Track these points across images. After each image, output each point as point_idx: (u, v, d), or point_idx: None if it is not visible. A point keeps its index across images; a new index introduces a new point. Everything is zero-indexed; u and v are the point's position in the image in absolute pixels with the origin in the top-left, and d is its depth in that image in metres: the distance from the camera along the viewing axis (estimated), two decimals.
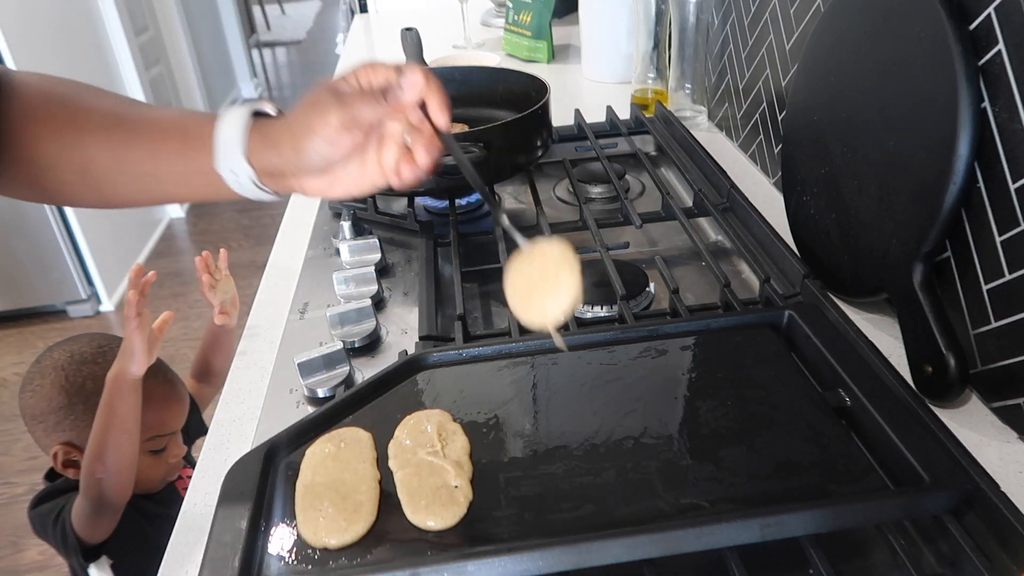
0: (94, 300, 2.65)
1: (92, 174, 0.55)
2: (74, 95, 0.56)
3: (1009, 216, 0.54)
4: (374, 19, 2.16)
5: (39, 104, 0.55)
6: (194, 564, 0.54)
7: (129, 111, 0.55)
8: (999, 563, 0.45)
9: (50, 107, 0.55)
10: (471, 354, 0.61)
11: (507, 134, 0.83)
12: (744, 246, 0.81)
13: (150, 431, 1.01)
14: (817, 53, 0.76)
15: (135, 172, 0.54)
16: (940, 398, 0.60)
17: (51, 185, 0.56)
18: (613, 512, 0.47)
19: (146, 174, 0.54)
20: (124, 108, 0.56)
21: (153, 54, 3.43)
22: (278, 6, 6.76)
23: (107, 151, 0.54)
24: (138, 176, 0.55)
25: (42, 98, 0.55)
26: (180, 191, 0.56)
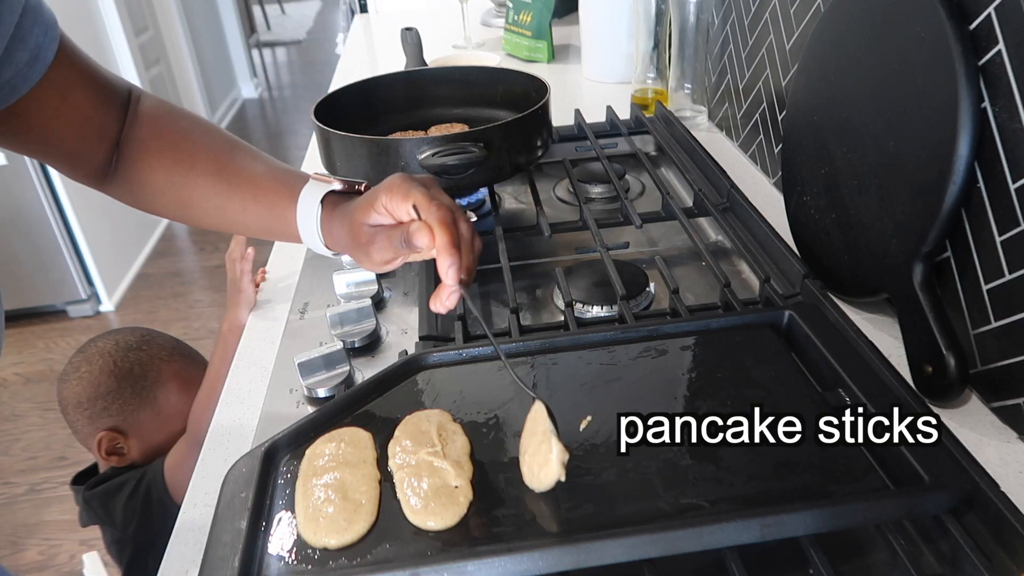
0: (94, 300, 2.65)
1: (191, 209, 0.65)
2: (188, 132, 0.64)
3: (1009, 216, 0.54)
4: (374, 19, 2.16)
5: (160, 136, 0.63)
6: (194, 564, 0.54)
7: (231, 161, 0.64)
8: (999, 563, 0.45)
9: (166, 141, 0.63)
10: (471, 354, 0.61)
11: (507, 134, 0.83)
12: (744, 246, 0.81)
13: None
14: (817, 53, 0.76)
15: (229, 218, 0.64)
16: (940, 398, 0.60)
17: (153, 203, 0.66)
18: (613, 512, 0.47)
19: (237, 222, 0.65)
20: (227, 156, 0.64)
21: (153, 54, 3.43)
22: (278, 6, 6.76)
23: (207, 198, 0.63)
24: (231, 221, 0.65)
25: (162, 130, 0.64)
26: (263, 235, 0.66)
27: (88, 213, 2.55)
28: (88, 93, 0.59)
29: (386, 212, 0.55)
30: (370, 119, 1.00)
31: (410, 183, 0.54)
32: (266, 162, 0.65)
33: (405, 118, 1.03)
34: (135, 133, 0.63)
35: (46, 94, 0.56)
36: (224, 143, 0.65)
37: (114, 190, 0.66)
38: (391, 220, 0.55)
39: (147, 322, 2.61)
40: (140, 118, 0.63)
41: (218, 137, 0.65)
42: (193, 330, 2.56)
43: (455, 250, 0.52)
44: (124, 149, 0.63)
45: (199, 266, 2.96)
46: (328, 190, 0.61)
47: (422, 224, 0.53)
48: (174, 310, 2.68)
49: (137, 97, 0.64)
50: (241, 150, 0.65)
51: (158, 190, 0.64)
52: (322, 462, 0.51)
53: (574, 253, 0.89)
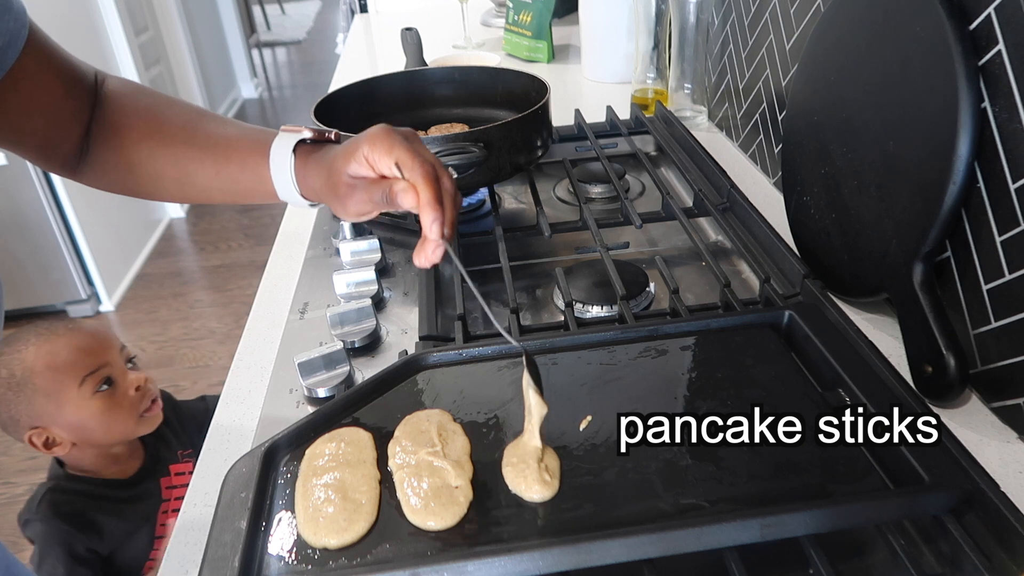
0: (94, 300, 2.65)
1: (164, 180, 0.64)
2: (153, 106, 0.64)
3: (1009, 216, 0.54)
4: (374, 19, 2.16)
5: (127, 113, 0.63)
6: (194, 564, 0.54)
7: (198, 127, 0.63)
8: (999, 563, 0.45)
9: (132, 117, 0.63)
10: (471, 354, 0.61)
11: (507, 134, 0.83)
12: (744, 246, 0.81)
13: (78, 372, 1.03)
14: (817, 53, 0.76)
15: (203, 184, 0.63)
16: (940, 398, 0.60)
17: (128, 183, 0.65)
18: (613, 512, 0.47)
19: (212, 187, 0.63)
20: (194, 123, 0.63)
21: (153, 54, 3.43)
22: (278, 6, 6.75)
23: (178, 166, 0.62)
24: (205, 188, 0.63)
25: (127, 108, 0.63)
26: (240, 198, 0.65)
27: (88, 213, 2.55)
28: (59, 79, 0.60)
29: (367, 164, 0.54)
30: (370, 119, 0.99)
31: (393, 137, 0.54)
32: (235, 124, 0.64)
33: (405, 118, 1.03)
34: (102, 114, 0.63)
35: (19, 82, 0.56)
36: (190, 112, 0.65)
37: (88, 177, 0.65)
38: (372, 173, 0.55)
39: (147, 322, 2.61)
40: (106, 99, 0.63)
41: (184, 107, 0.65)
42: (193, 330, 2.56)
43: (439, 205, 0.52)
44: (93, 132, 0.63)
45: (199, 266, 2.96)
46: (299, 139, 0.60)
47: (407, 185, 0.52)
48: (174, 310, 2.68)
49: (102, 80, 0.64)
50: (208, 117, 0.65)
51: (130, 167, 0.63)
52: (322, 462, 0.51)
53: (574, 253, 0.89)
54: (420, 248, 0.54)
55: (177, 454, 1.18)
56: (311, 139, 0.61)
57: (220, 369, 2.35)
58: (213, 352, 2.44)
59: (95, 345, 1.06)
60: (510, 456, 0.51)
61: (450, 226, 0.53)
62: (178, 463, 1.17)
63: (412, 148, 0.54)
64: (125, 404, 1.06)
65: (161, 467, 1.16)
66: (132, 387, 1.07)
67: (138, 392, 1.08)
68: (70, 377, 1.02)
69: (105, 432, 1.05)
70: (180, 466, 1.17)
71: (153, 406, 1.10)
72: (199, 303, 2.72)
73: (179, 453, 1.18)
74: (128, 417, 1.07)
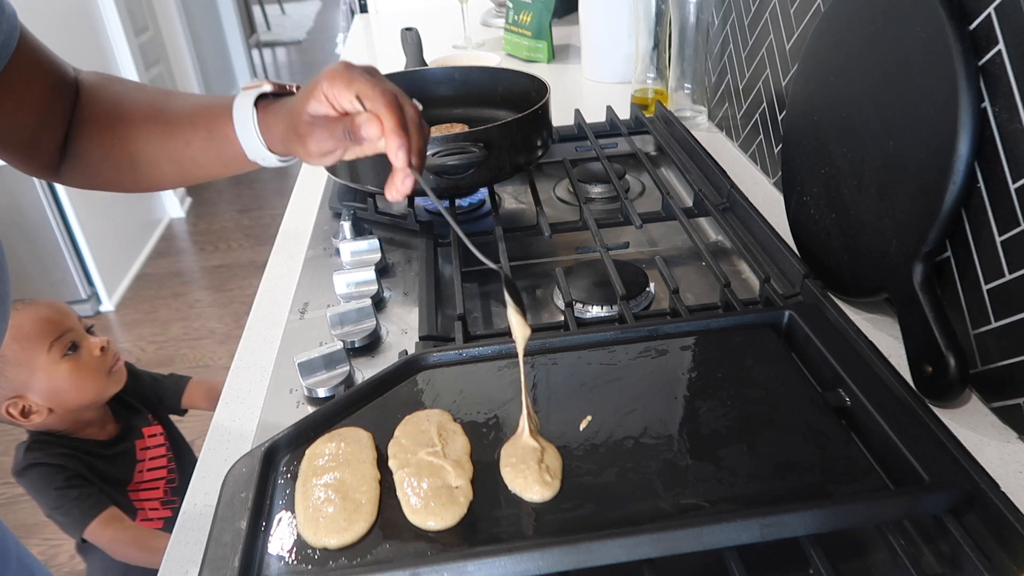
0: (94, 300, 2.65)
1: (139, 162, 0.63)
2: (122, 93, 0.64)
3: (1009, 216, 0.54)
4: (374, 19, 2.16)
5: (99, 103, 0.63)
6: (194, 564, 0.54)
7: (165, 104, 0.63)
8: (999, 563, 0.45)
9: (101, 106, 0.63)
10: (471, 354, 0.61)
11: (507, 134, 0.83)
12: (744, 246, 0.81)
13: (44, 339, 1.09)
14: (817, 53, 0.76)
15: (176, 158, 0.62)
16: (940, 398, 0.60)
17: (106, 174, 0.64)
18: (613, 512, 0.47)
19: (185, 159, 0.62)
20: (161, 101, 0.63)
21: (153, 54, 3.43)
22: (278, 6, 6.75)
23: (151, 145, 0.62)
24: (179, 162, 0.62)
25: (97, 97, 0.63)
26: (215, 169, 0.63)
27: (88, 213, 2.55)
28: (48, 79, 0.60)
29: (327, 101, 0.53)
30: None
31: (352, 70, 0.53)
32: (201, 96, 0.64)
33: None
34: (79, 109, 0.63)
35: (11, 82, 0.56)
36: (157, 92, 0.65)
37: (69, 175, 0.65)
38: (332, 110, 0.54)
39: (147, 322, 2.61)
40: (82, 93, 0.63)
41: (151, 90, 0.65)
42: (193, 330, 2.56)
43: (403, 132, 0.51)
44: (72, 129, 0.63)
45: (199, 266, 2.96)
46: (260, 92, 0.59)
47: (369, 115, 0.51)
48: (174, 310, 2.68)
49: (80, 79, 0.64)
50: (175, 95, 0.65)
51: (104, 154, 0.63)
52: (322, 462, 0.51)
53: (574, 253, 0.89)
54: (389, 182, 0.53)
55: (147, 417, 1.25)
56: (272, 92, 0.60)
57: (220, 369, 2.35)
58: (213, 352, 2.44)
59: (55, 315, 1.12)
60: (508, 456, 0.51)
61: (417, 155, 0.52)
62: (149, 426, 1.24)
63: (372, 79, 0.53)
64: (93, 364, 1.12)
65: (135, 431, 1.22)
66: (96, 348, 1.13)
67: (103, 352, 1.14)
68: (37, 345, 1.08)
69: (79, 392, 1.11)
70: (150, 428, 1.24)
71: (118, 363, 1.17)
72: (199, 303, 2.72)
73: (147, 416, 1.25)
74: (97, 376, 1.13)
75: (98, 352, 1.13)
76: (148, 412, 1.27)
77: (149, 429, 1.24)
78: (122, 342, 2.52)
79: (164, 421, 1.29)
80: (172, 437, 1.28)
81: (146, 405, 1.27)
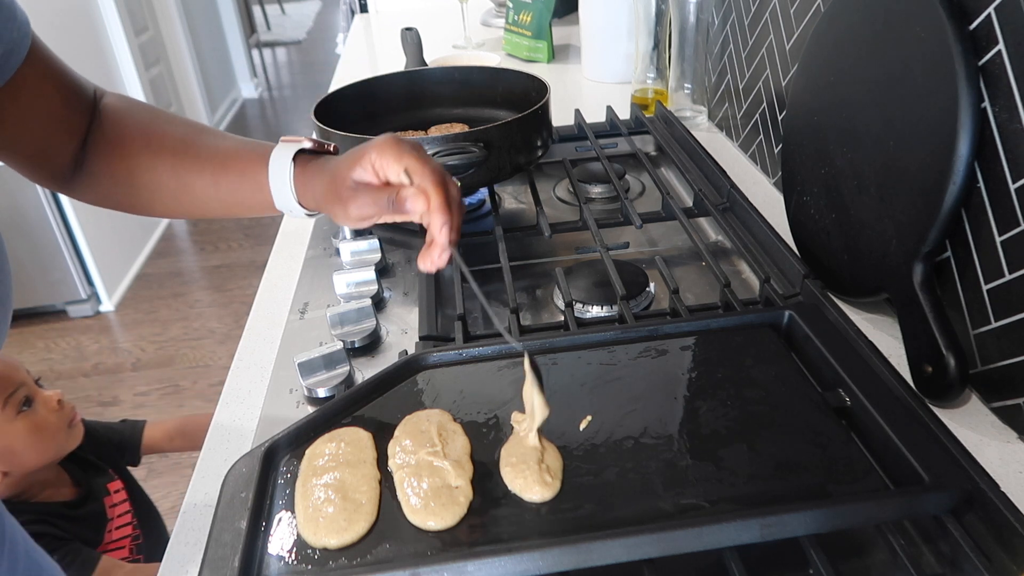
0: (94, 300, 2.65)
1: (162, 191, 0.64)
2: (154, 119, 0.65)
3: (1009, 216, 0.54)
4: (374, 19, 2.16)
5: (126, 126, 0.63)
6: (194, 564, 0.54)
7: (197, 140, 0.63)
8: (999, 563, 0.45)
9: (134, 130, 0.63)
10: (471, 354, 0.61)
11: (507, 134, 0.83)
12: (744, 246, 0.81)
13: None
14: (817, 53, 0.76)
15: (200, 195, 0.63)
16: (940, 398, 0.60)
17: (121, 196, 0.65)
18: (613, 512, 0.47)
19: (209, 197, 0.63)
20: (193, 136, 0.64)
21: (153, 54, 3.43)
22: (278, 6, 6.75)
23: (176, 176, 0.62)
24: (203, 197, 0.63)
25: (128, 121, 0.64)
26: (237, 209, 0.65)
27: (88, 213, 2.54)
28: (59, 91, 0.60)
29: (373, 171, 0.55)
30: (370, 119, 1.00)
31: (402, 145, 0.55)
32: (234, 138, 0.64)
33: (405, 118, 1.03)
34: (100, 128, 0.63)
35: (19, 91, 0.56)
36: (189, 126, 0.65)
37: (81, 190, 0.65)
38: (376, 179, 0.56)
39: (147, 322, 2.61)
40: (104, 113, 0.64)
41: (182, 122, 0.65)
42: (193, 330, 2.56)
43: (448, 209, 0.53)
44: (90, 146, 0.63)
45: (199, 266, 2.96)
46: (299, 148, 0.61)
47: (416, 190, 0.53)
48: (174, 310, 2.68)
49: (101, 95, 0.65)
50: (208, 131, 0.65)
51: (129, 179, 0.64)
52: (322, 462, 0.51)
53: (574, 253, 0.89)
54: (426, 253, 0.54)
55: (108, 472, 1.16)
56: (310, 149, 0.61)
57: (220, 369, 2.35)
58: (213, 352, 2.44)
59: (4, 369, 1.03)
60: (508, 456, 0.51)
61: (456, 232, 0.54)
62: (112, 481, 1.15)
63: (421, 155, 0.55)
64: (51, 419, 1.03)
65: (101, 489, 1.13)
66: (52, 401, 1.04)
67: (60, 405, 1.05)
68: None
69: (38, 451, 1.01)
70: (114, 484, 1.15)
71: (75, 416, 1.08)
72: (199, 303, 2.72)
73: (108, 471, 1.16)
74: (56, 432, 1.04)
75: (55, 405, 1.03)
76: (108, 467, 1.17)
77: (113, 485, 1.15)
78: (122, 342, 2.52)
79: (124, 475, 1.19)
80: (133, 491, 1.19)
81: (105, 459, 1.17)
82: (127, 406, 2.23)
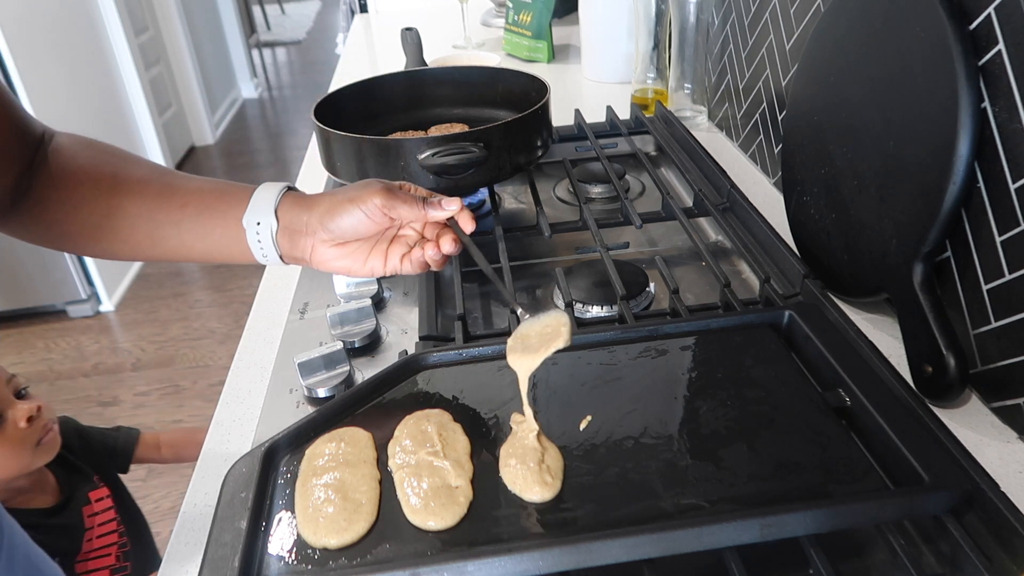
0: (94, 300, 2.65)
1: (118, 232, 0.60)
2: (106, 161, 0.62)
3: (1009, 216, 0.54)
4: (374, 19, 2.16)
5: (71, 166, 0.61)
6: (194, 564, 0.54)
7: (163, 178, 0.61)
8: (999, 563, 0.45)
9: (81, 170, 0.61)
10: (471, 354, 0.61)
11: (507, 134, 0.83)
12: (744, 246, 0.81)
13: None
14: (817, 53, 0.76)
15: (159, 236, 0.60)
16: (940, 398, 0.60)
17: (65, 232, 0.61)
18: (613, 512, 0.47)
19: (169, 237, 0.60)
20: (159, 175, 0.62)
21: (153, 54, 3.43)
22: (278, 6, 6.75)
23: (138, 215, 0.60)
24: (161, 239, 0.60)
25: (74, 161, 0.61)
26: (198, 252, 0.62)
27: None
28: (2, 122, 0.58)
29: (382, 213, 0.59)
30: (370, 119, 1.00)
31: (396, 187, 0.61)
32: (207, 179, 0.63)
33: (405, 118, 1.03)
34: (47, 170, 0.61)
35: None
36: (155, 166, 0.63)
37: (12, 226, 0.63)
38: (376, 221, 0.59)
39: (147, 322, 2.61)
40: (52, 153, 0.61)
41: (148, 164, 0.63)
42: (193, 330, 2.56)
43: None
44: (38, 186, 0.60)
45: (199, 266, 2.96)
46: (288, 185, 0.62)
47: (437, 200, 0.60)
48: (174, 310, 2.68)
49: (51, 136, 0.62)
50: (177, 172, 0.63)
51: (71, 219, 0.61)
52: (322, 462, 0.51)
53: (574, 253, 0.89)
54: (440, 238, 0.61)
55: (93, 479, 1.12)
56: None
57: (220, 369, 2.35)
58: (213, 352, 2.44)
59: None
60: (507, 456, 0.51)
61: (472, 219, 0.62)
62: (95, 489, 1.11)
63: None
64: (17, 437, 0.97)
65: (80, 497, 1.09)
66: (23, 419, 0.97)
67: (29, 423, 0.98)
68: None
69: (1, 469, 0.96)
70: (97, 492, 1.11)
71: (49, 433, 1.01)
72: (199, 303, 2.72)
73: (94, 478, 1.12)
74: (22, 450, 0.97)
75: (24, 424, 0.96)
76: (95, 473, 1.12)
77: (95, 493, 1.10)
78: (122, 342, 2.52)
79: (111, 482, 1.14)
80: (120, 499, 1.14)
81: (93, 465, 1.13)
82: (127, 406, 2.23)
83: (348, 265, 0.61)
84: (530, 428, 0.52)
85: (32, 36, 2.36)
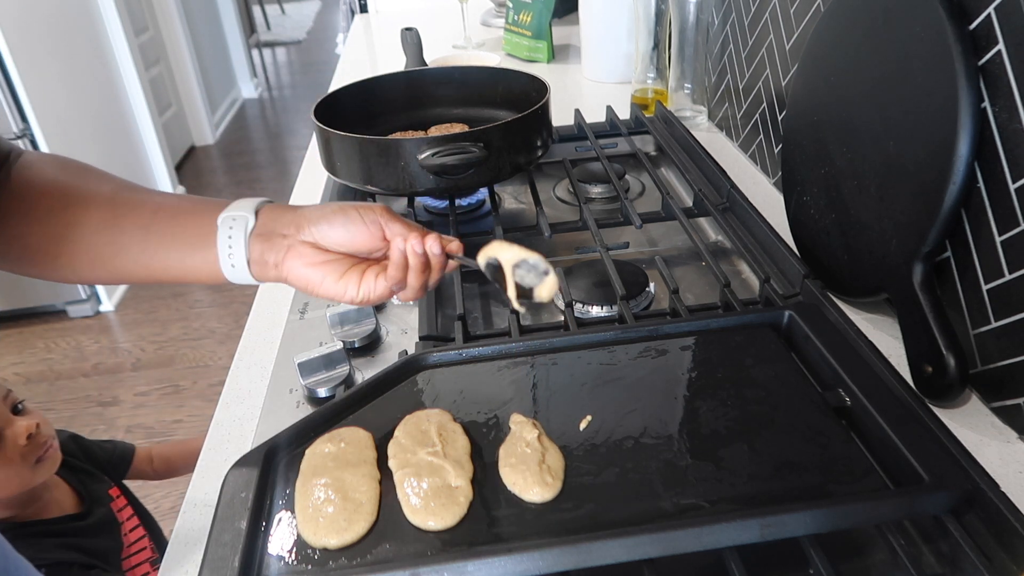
0: (94, 300, 2.65)
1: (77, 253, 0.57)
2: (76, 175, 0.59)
3: (1009, 216, 0.54)
4: (374, 19, 2.16)
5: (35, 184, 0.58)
6: (194, 564, 0.54)
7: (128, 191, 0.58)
8: (999, 563, 0.45)
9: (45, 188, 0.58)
10: (471, 354, 0.61)
11: (507, 134, 0.83)
12: (744, 246, 0.81)
13: None
14: (817, 53, 0.76)
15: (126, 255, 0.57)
16: (940, 398, 0.60)
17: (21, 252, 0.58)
18: (613, 512, 0.47)
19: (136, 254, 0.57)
20: (125, 190, 0.59)
21: (153, 54, 3.43)
22: (278, 6, 6.75)
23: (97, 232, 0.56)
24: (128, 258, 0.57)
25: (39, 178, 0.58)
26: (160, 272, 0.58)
27: None
28: None
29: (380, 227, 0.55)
30: (370, 119, 1.00)
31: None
32: (177, 195, 0.60)
33: (405, 118, 1.03)
34: (15, 184, 0.58)
35: None
36: (128, 182, 0.60)
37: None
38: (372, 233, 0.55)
39: (147, 322, 2.61)
40: (15, 171, 0.59)
41: (120, 179, 0.60)
42: (193, 330, 2.56)
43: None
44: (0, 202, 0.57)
45: None
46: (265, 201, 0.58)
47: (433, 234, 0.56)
48: (174, 310, 2.68)
49: (19, 154, 0.60)
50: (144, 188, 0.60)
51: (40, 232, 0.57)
52: (322, 462, 0.51)
53: (574, 253, 0.89)
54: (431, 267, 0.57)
55: (105, 479, 1.11)
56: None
57: (220, 369, 2.35)
58: (213, 352, 2.44)
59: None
60: (508, 456, 0.51)
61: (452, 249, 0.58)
62: (111, 487, 1.11)
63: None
64: (16, 455, 0.94)
65: (103, 495, 1.07)
66: (22, 436, 0.94)
67: (29, 440, 0.95)
68: None
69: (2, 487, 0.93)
70: (113, 490, 1.11)
71: (48, 450, 0.98)
72: (199, 303, 2.72)
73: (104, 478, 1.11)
74: (22, 468, 0.94)
75: (23, 441, 0.93)
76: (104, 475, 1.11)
77: (113, 491, 1.09)
78: (122, 342, 2.52)
79: (119, 485, 1.13)
80: (132, 499, 1.12)
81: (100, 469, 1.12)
82: (127, 406, 2.23)
83: (320, 277, 0.55)
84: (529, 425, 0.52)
85: (32, 36, 2.36)
